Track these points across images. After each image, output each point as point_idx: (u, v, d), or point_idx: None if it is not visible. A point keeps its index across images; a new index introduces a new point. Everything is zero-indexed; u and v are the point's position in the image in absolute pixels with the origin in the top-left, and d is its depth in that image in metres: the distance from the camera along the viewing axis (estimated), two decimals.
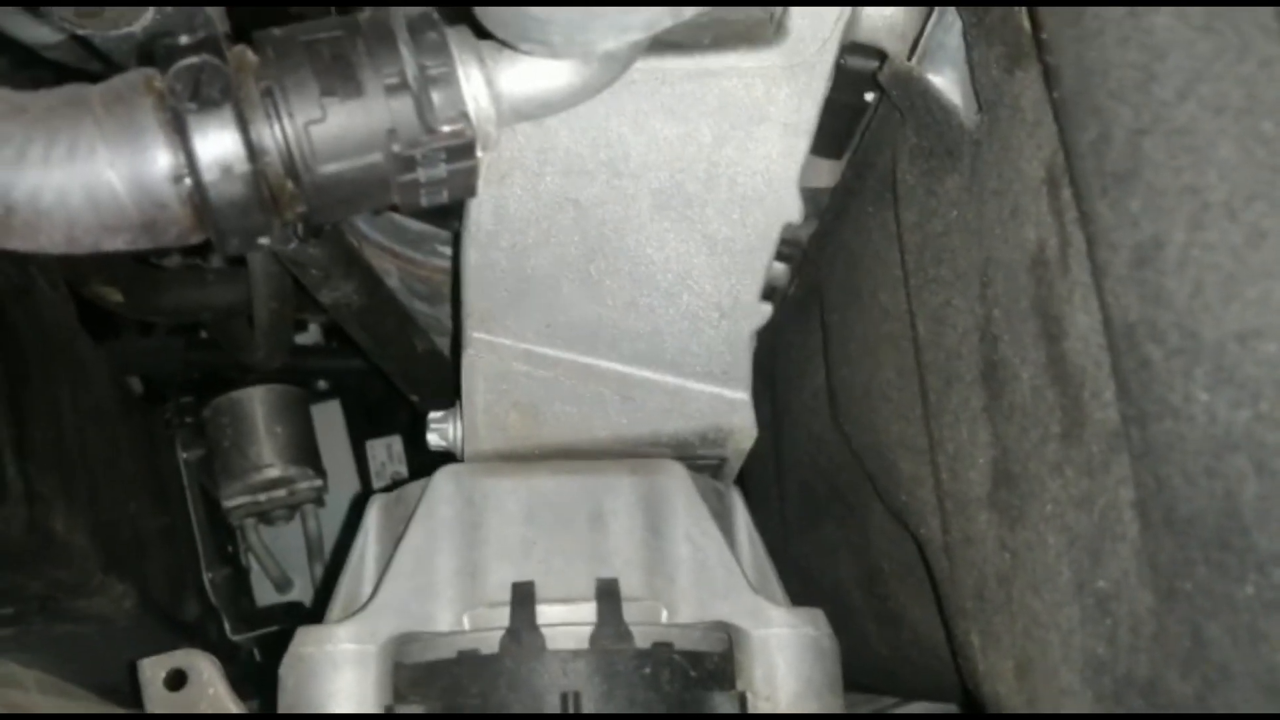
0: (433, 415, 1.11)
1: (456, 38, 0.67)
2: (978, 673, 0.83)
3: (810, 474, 1.34)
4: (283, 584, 2.14)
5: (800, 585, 1.30)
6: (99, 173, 0.60)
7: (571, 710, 0.90)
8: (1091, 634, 0.65)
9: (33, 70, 1.41)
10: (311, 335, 2.19)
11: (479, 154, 0.66)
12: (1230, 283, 0.52)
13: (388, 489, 1.10)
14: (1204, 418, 0.52)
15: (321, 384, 2.21)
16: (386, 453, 2.22)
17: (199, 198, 0.62)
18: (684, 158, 0.93)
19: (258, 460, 2.00)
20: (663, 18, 0.62)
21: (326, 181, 0.64)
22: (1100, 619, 0.64)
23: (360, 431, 2.23)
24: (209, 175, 0.61)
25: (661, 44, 0.87)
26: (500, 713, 0.92)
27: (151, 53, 0.63)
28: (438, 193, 0.67)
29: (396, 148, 0.64)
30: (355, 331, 1.34)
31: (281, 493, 2.03)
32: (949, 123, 0.87)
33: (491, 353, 1.05)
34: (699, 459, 1.09)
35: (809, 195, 1.12)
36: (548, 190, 0.95)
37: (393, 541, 1.01)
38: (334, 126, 0.63)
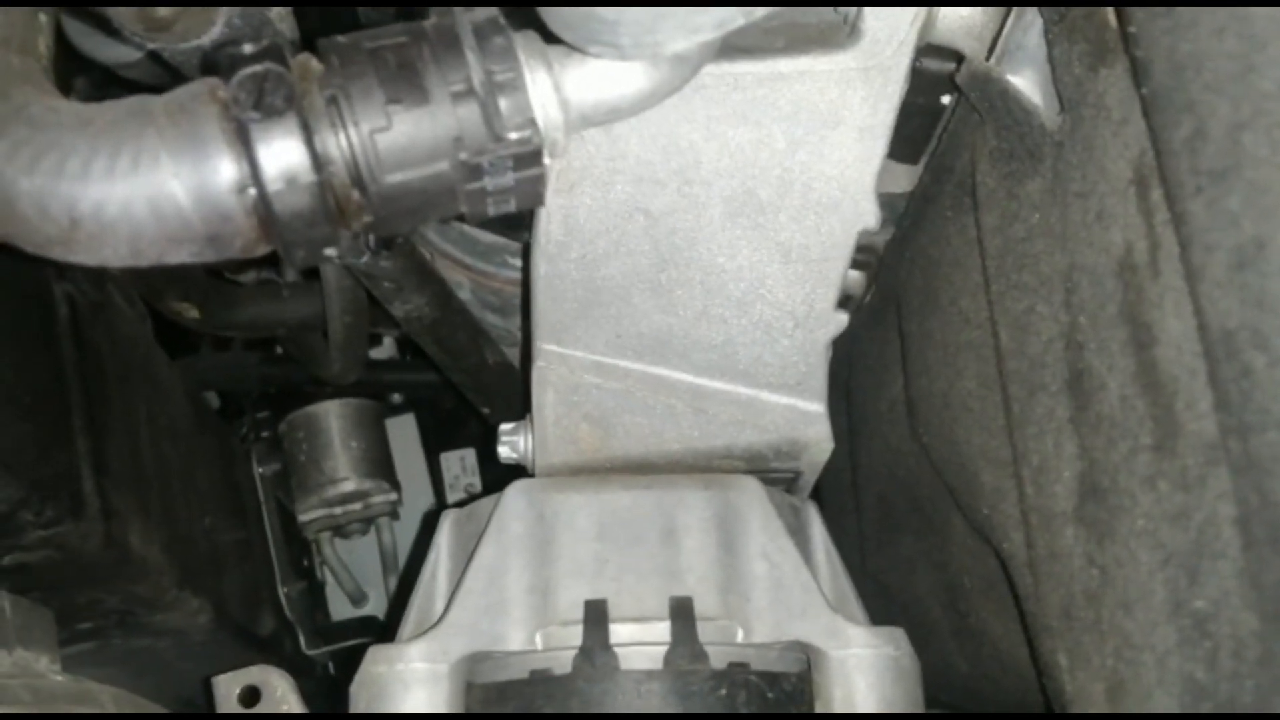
0: (504, 428, 1.10)
1: (524, 43, 0.65)
2: (1065, 694, 0.80)
3: (887, 486, 1.31)
4: (358, 598, 2.15)
5: (878, 600, 1.27)
6: (163, 184, 0.60)
7: None
8: (1189, 657, 0.62)
9: (111, 90, 1.43)
10: (386, 349, 2.19)
11: (546, 161, 0.65)
12: None
13: (460, 503, 1.09)
14: None
15: (396, 398, 2.22)
16: (460, 465, 2.23)
17: (264, 209, 0.61)
18: (756, 164, 0.91)
19: (333, 474, 2.01)
20: (734, 17, 0.60)
21: (393, 191, 0.63)
22: (1199, 641, 0.61)
23: (434, 444, 2.24)
24: (273, 186, 0.60)
25: (733, 49, 0.86)
26: (565, 713, 0.90)
27: (216, 62, 0.62)
28: (505, 201, 0.65)
29: (463, 156, 0.63)
30: (427, 344, 1.33)
31: (357, 506, 2.03)
32: (1030, 124, 0.84)
33: (562, 364, 1.03)
34: (773, 472, 1.07)
35: (885, 201, 1.10)
36: (618, 199, 0.93)
37: (464, 558, 1.00)
38: (400, 135, 0.62)
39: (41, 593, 1.28)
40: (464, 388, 1.46)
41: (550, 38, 0.66)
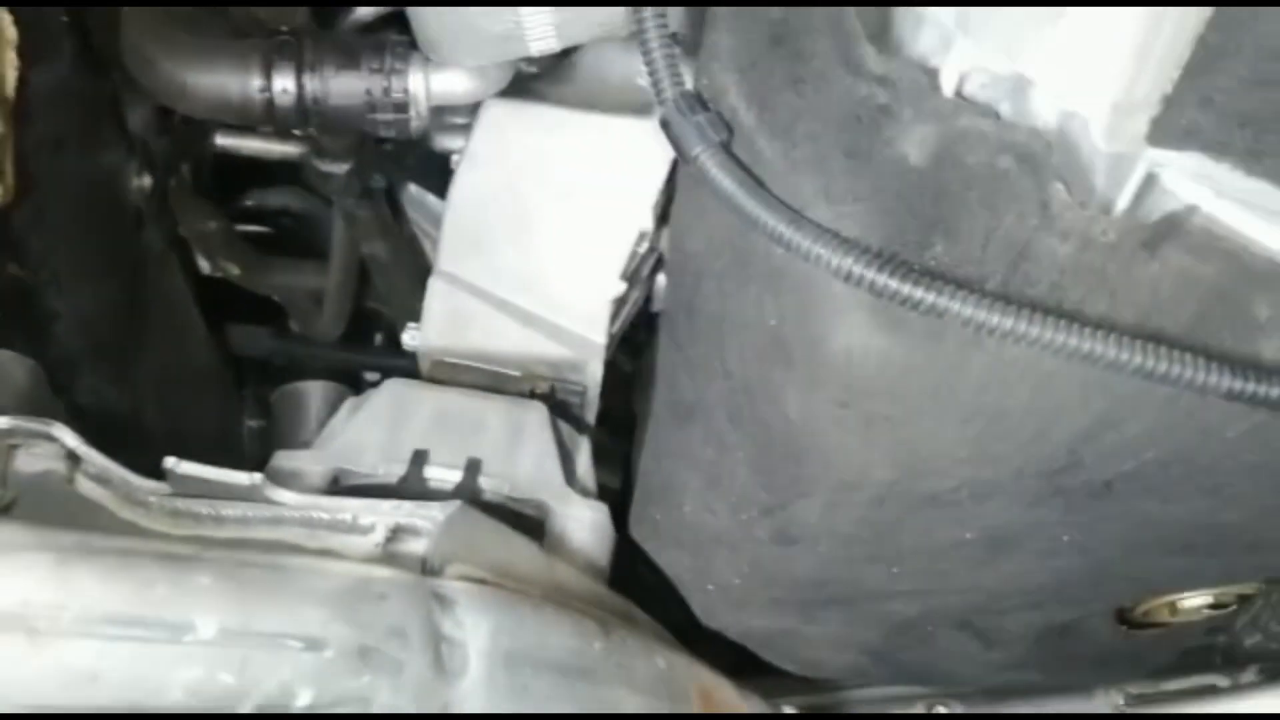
0: (409, 325, 1.78)
1: (415, 54, 1.40)
2: None
3: None
4: None
5: None
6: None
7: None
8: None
9: None
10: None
11: (411, 112, 1.39)
12: None
13: None
14: None
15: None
16: None
17: (268, 104, 1.35)
18: None
19: (305, 438, 2.49)
20: (512, 51, 1.32)
21: (334, 109, 1.37)
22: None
23: None
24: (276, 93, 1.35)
25: None
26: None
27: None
28: (389, 128, 1.40)
29: (371, 98, 1.37)
30: (379, 279, 2.04)
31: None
32: None
33: (451, 283, 1.66)
34: (568, 382, 1.73)
35: None
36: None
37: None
38: (340, 81, 1.37)
39: None
40: (396, 312, 2.15)
41: None
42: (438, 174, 1.78)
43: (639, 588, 1.47)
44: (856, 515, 1.13)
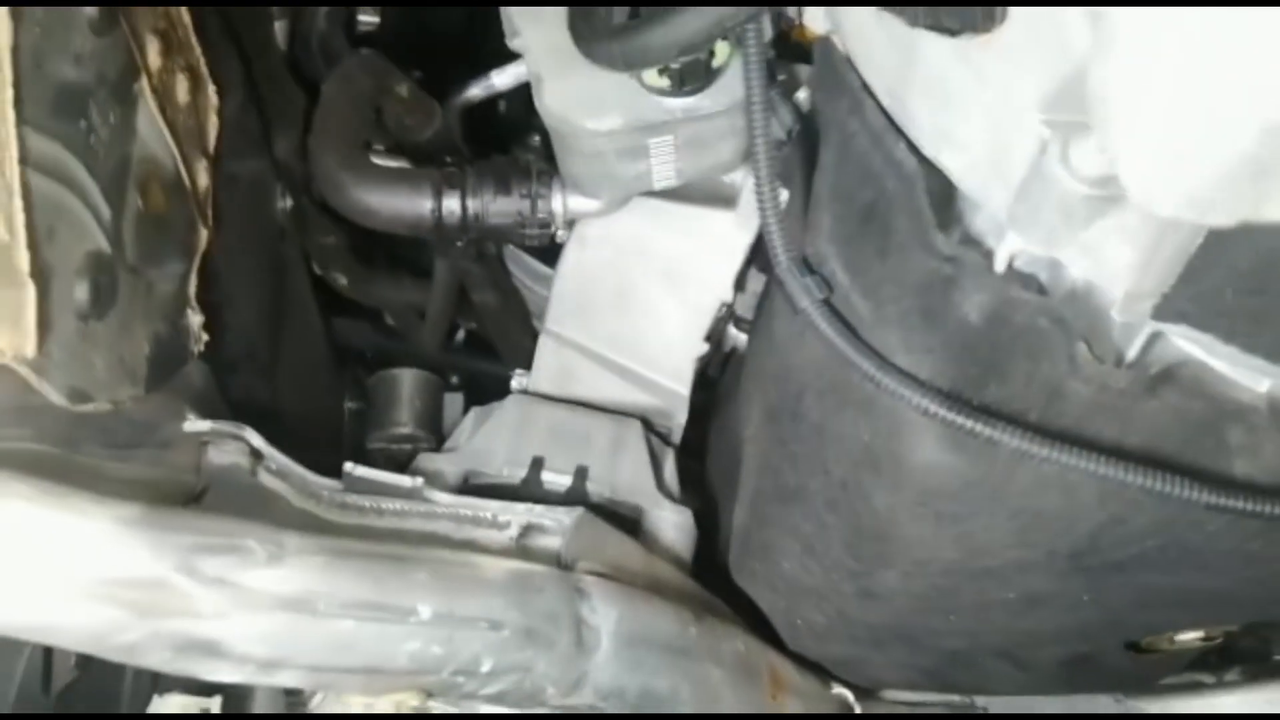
0: (518, 371, 2.12)
1: (557, 180, 1.72)
2: None
3: None
4: None
5: None
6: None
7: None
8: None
9: None
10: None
11: (552, 229, 1.71)
12: None
13: None
14: None
15: (454, 379, 3.19)
16: None
17: (438, 222, 1.67)
18: None
19: (396, 419, 2.99)
20: (632, 191, 1.65)
21: (491, 225, 1.69)
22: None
23: None
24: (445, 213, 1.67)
25: None
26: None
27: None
28: (534, 239, 1.72)
29: (522, 218, 1.69)
30: (488, 323, 2.37)
31: (408, 447, 2.98)
32: None
33: (558, 340, 2.04)
34: (657, 425, 2.07)
35: None
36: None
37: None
38: (498, 203, 1.69)
39: None
40: (504, 354, 2.48)
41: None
42: None
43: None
44: (927, 582, 1.44)
